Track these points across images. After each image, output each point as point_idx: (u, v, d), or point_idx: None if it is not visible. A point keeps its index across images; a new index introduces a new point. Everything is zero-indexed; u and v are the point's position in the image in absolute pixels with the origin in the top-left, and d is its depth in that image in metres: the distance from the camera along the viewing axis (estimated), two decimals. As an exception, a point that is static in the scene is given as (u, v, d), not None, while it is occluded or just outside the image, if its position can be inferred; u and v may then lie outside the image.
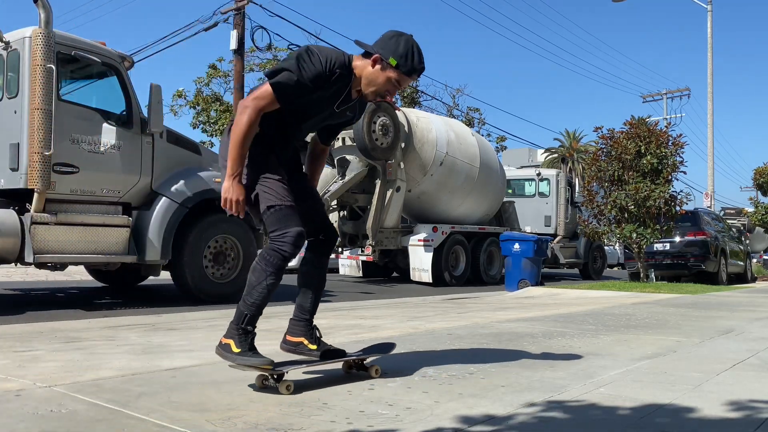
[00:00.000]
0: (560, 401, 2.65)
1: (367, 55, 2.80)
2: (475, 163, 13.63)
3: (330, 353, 3.02)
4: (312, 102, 2.80)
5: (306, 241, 2.92)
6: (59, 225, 6.74)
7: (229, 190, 2.71)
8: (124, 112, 7.43)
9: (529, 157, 55.32)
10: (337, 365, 3.13)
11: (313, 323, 3.05)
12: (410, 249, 12.92)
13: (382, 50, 2.76)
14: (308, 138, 3.22)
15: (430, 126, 13.03)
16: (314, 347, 2.99)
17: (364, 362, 3.11)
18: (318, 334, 3.04)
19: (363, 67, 2.80)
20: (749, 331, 5.21)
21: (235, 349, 2.71)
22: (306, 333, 3.00)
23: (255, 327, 2.79)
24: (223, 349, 2.75)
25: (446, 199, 13.54)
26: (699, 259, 14.58)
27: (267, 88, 2.71)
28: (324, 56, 2.72)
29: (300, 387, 2.77)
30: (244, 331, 2.74)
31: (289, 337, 3.03)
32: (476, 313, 6.66)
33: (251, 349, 2.73)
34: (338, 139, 12.82)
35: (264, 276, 2.73)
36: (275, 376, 2.74)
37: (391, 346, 3.35)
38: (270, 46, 20.27)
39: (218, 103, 25.16)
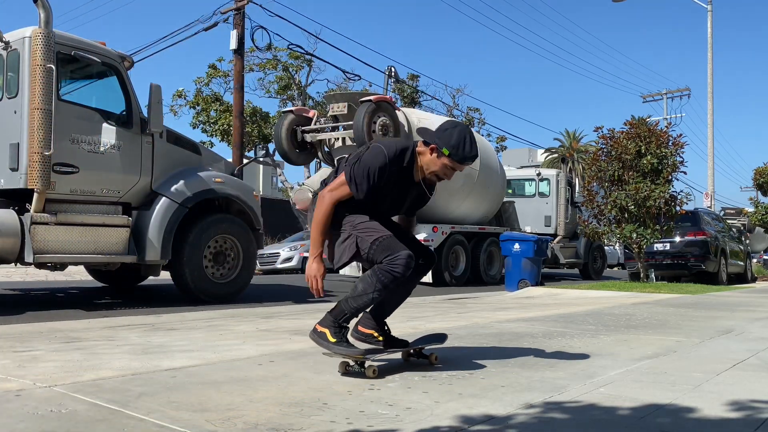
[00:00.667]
0: (560, 401, 2.65)
1: (426, 143, 3.17)
2: (475, 166, 13.62)
3: (394, 342, 3.40)
4: (382, 189, 3.15)
5: None
6: (59, 225, 6.74)
7: (311, 267, 3.10)
8: (124, 112, 7.43)
9: (529, 157, 55.38)
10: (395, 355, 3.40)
11: (385, 321, 3.44)
12: (410, 249, 12.92)
13: (439, 140, 3.12)
14: None
15: (429, 126, 13.04)
16: (381, 338, 3.38)
17: (423, 350, 3.49)
18: (387, 329, 3.43)
19: (424, 153, 3.18)
20: (749, 331, 5.21)
21: (331, 339, 3.09)
22: (376, 328, 3.38)
23: (349, 324, 3.18)
24: (318, 337, 3.12)
25: (446, 200, 13.54)
26: (699, 259, 14.57)
27: (341, 179, 3.13)
28: (388, 150, 3.10)
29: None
30: (340, 326, 3.11)
31: (360, 328, 3.40)
32: (476, 313, 6.66)
33: (345, 341, 3.10)
34: (338, 139, 12.84)
35: (372, 289, 3.07)
36: (358, 363, 3.11)
37: (443, 337, 3.63)
38: (270, 46, 20.31)
39: (218, 103, 25.13)
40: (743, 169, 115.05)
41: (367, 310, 3.31)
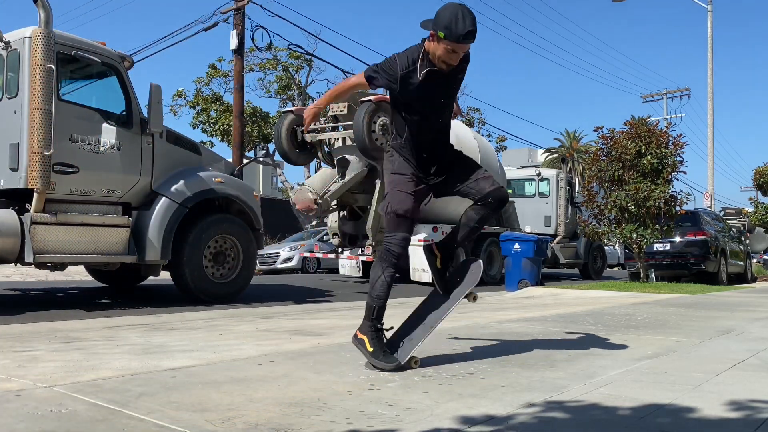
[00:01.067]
0: (560, 401, 2.65)
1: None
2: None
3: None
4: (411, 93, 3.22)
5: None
6: (59, 225, 6.74)
7: (308, 109, 3.58)
8: (124, 112, 7.42)
9: (529, 157, 55.35)
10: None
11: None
12: (410, 249, 12.88)
13: (434, 25, 3.06)
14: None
15: None
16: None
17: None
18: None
19: (428, 45, 3.15)
20: (749, 331, 5.21)
21: (369, 348, 3.23)
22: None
23: (383, 323, 3.32)
24: (359, 344, 3.30)
25: (446, 199, 13.53)
26: (699, 259, 14.57)
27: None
28: (402, 55, 3.21)
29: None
30: (375, 328, 3.27)
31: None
32: (476, 313, 6.66)
33: (383, 350, 3.23)
34: (338, 139, 12.83)
35: (381, 270, 3.30)
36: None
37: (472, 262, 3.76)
38: (270, 45, 20.31)
39: (218, 103, 25.14)
40: (743, 169, 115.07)
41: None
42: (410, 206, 3.38)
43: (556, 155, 50.58)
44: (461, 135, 13.82)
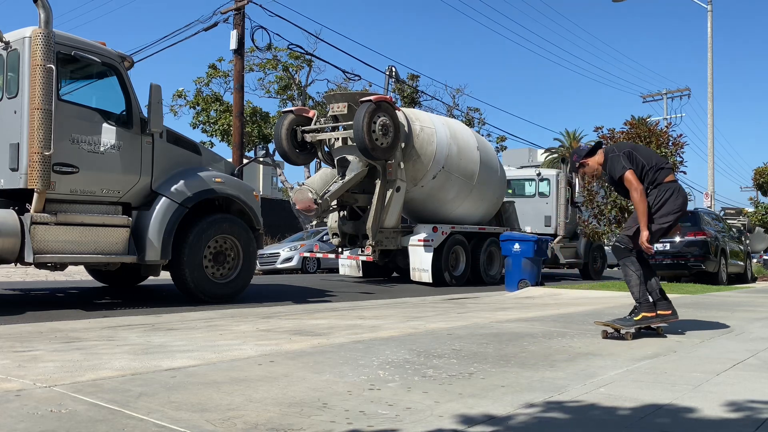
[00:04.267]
0: (560, 401, 2.65)
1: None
2: (472, 179, 13.60)
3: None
4: None
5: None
6: (59, 225, 6.73)
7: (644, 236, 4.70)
8: (124, 112, 7.42)
9: (529, 157, 55.38)
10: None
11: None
12: (410, 249, 12.90)
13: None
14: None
15: (432, 138, 12.89)
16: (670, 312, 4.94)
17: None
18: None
19: None
20: (749, 331, 5.21)
21: (637, 318, 4.75)
22: (667, 306, 4.92)
23: (647, 299, 4.81)
24: (641, 321, 4.75)
25: (446, 200, 13.53)
26: (699, 259, 14.56)
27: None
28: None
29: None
30: (645, 301, 4.77)
31: (660, 312, 4.86)
32: (476, 313, 6.66)
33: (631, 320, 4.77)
34: (338, 139, 12.83)
35: (624, 269, 4.85)
36: (617, 330, 4.68)
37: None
38: (270, 45, 20.29)
39: (218, 103, 25.10)
40: (743, 169, 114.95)
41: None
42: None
43: (556, 155, 50.60)
44: (461, 135, 13.81)
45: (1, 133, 6.81)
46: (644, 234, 4.64)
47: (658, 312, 4.83)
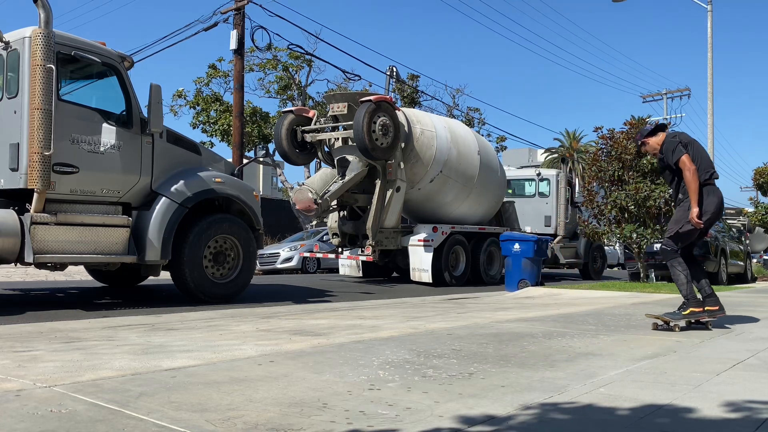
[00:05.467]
0: (560, 401, 2.65)
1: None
2: (471, 182, 13.60)
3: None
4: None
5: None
6: (59, 225, 6.73)
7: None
8: (124, 112, 7.42)
9: (529, 157, 55.35)
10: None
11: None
12: (410, 249, 12.90)
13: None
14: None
15: (432, 143, 12.87)
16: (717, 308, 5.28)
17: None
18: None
19: None
20: (749, 331, 5.22)
21: (685, 312, 5.15)
22: (715, 302, 5.25)
23: (694, 296, 5.21)
24: (689, 315, 5.17)
25: (446, 200, 13.53)
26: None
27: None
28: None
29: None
30: (693, 297, 5.16)
31: (708, 308, 5.23)
32: (476, 313, 6.66)
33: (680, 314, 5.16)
34: (338, 139, 12.83)
35: (672, 269, 5.19)
36: (666, 322, 5.12)
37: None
38: (270, 45, 20.28)
39: (218, 103, 25.10)
40: (743, 169, 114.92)
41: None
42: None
43: (556, 155, 50.58)
44: (463, 139, 13.79)
45: (1, 133, 6.81)
46: (694, 210, 5.00)
47: (706, 308, 5.23)
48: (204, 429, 2.18)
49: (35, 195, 6.59)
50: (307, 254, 18.31)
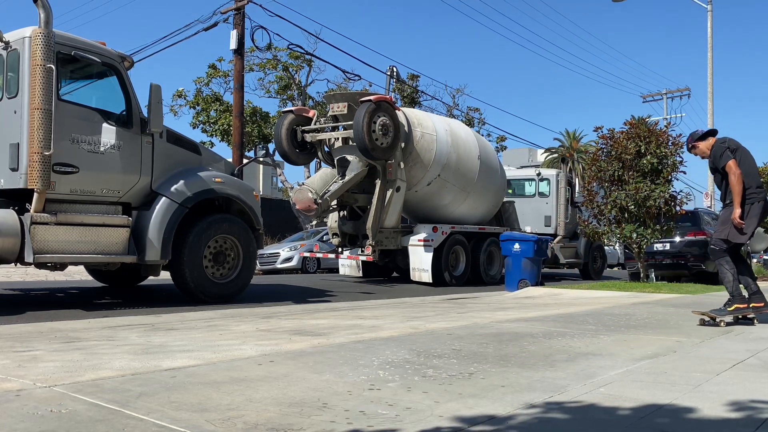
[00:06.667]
0: (560, 401, 2.65)
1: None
2: (470, 185, 13.59)
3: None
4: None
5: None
6: (59, 225, 6.73)
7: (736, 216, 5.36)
8: (124, 112, 7.42)
9: (529, 157, 55.38)
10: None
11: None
12: (410, 249, 12.90)
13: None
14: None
15: (432, 146, 12.84)
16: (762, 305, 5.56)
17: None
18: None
19: None
20: (749, 331, 5.22)
21: (730, 309, 5.40)
22: (761, 299, 5.50)
23: (740, 293, 5.44)
24: (735, 312, 5.43)
25: (446, 200, 13.53)
26: (699, 259, 14.55)
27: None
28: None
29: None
30: (738, 294, 5.39)
31: (753, 304, 5.50)
32: (476, 313, 6.66)
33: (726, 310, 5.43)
34: (338, 139, 12.83)
35: (720, 267, 5.44)
36: (713, 318, 5.40)
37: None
38: (270, 45, 20.28)
39: (218, 103, 25.10)
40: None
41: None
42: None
43: (556, 155, 50.59)
44: (463, 143, 13.78)
45: (1, 133, 6.81)
46: (737, 211, 5.31)
47: (751, 304, 5.51)
48: (204, 429, 2.18)
49: (35, 195, 6.59)
50: (307, 254, 18.31)
